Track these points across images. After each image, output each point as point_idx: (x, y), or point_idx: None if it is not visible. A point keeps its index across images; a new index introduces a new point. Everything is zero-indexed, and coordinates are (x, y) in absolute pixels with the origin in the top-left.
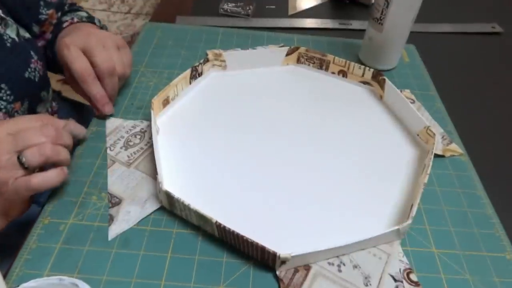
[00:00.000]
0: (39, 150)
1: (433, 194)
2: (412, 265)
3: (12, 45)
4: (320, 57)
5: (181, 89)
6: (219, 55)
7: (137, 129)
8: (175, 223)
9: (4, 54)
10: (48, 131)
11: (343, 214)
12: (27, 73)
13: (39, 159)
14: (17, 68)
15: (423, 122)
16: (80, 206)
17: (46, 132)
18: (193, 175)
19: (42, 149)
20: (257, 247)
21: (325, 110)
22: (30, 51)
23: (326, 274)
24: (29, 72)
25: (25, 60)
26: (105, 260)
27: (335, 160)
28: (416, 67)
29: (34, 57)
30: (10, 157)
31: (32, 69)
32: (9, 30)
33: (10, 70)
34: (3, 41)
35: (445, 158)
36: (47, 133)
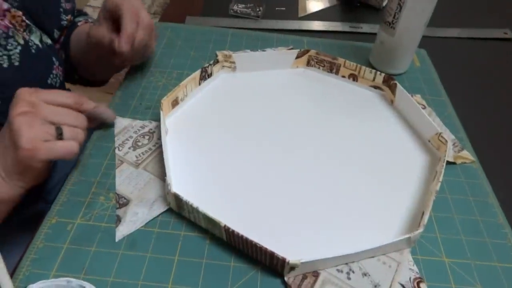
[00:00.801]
0: (72, 132)
1: (444, 202)
2: (422, 274)
3: (37, 51)
4: (331, 61)
5: (190, 90)
6: (229, 56)
7: (146, 129)
8: (183, 225)
9: (30, 61)
10: (84, 119)
11: (353, 221)
12: (50, 79)
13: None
14: (41, 75)
15: (434, 128)
16: (88, 206)
17: (82, 120)
18: (201, 177)
19: (74, 132)
20: (266, 253)
21: (335, 114)
22: (52, 57)
23: (334, 281)
24: (51, 78)
25: (48, 66)
26: (112, 261)
27: (345, 165)
28: (427, 72)
29: (56, 63)
30: (45, 124)
31: (54, 75)
32: (33, 37)
33: (35, 77)
34: (28, 47)
35: (456, 165)
36: (83, 121)
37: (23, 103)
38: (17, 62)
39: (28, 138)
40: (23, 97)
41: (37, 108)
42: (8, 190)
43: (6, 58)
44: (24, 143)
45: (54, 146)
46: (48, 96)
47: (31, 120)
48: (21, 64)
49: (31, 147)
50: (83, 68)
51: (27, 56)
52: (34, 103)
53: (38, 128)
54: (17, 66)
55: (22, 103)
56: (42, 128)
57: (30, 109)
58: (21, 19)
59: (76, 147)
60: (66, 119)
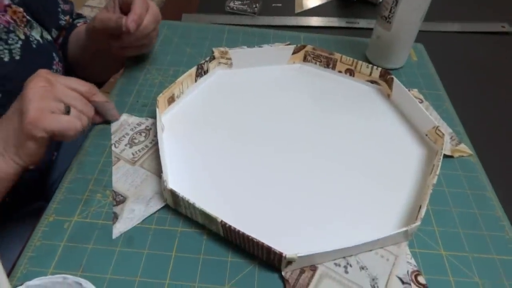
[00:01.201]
0: (78, 114)
1: (442, 195)
2: (420, 267)
3: (37, 47)
4: (327, 56)
5: (186, 87)
6: (225, 53)
7: (142, 126)
8: (180, 222)
9: (31, 55)
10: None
11: (350, 215)
12: None
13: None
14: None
15: (432, 122)
16: (85, 204)
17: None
18: (198, 173)
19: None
20: (262, 247)
21: (332, 109)
22: (52, 53)
23: (332, 275)
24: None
25: (49, 61)
26: (109, 258)
27: (342, 160)
28: (425, 66)
29: (56, 59)
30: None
31: (54, 70)
32: (34, 32)
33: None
34: (29, 42)
35: (453, 158)
36: (90, 109)
37: (41, 79)
38: (18, 56)
39: (37, 106)
40: (41, 74)
41: (52, 86)
42: (3, 165)
43: (7, 52)
44: (32, 109)
45: (58, 118)
46: (65, 80)
47: (44, 93)
48: (22, 58)
49: (38, 114)
50: (81, 68)
51: (28, 50)
52: (50, 81)
53: (48, 101)
54: (18, 60)
55: (39, 78)
56: (52, 103)
57: (46, 84)
58: (22, 15)
59: (79, 125)
60: (76, 102)
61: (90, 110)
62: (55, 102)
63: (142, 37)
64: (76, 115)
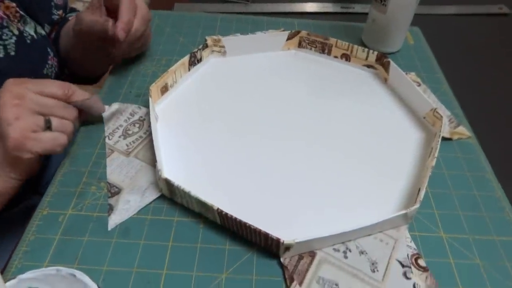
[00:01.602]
0: (60, 123)
1: (441, 178)
2: (420, 250)
3: (32, 42)
4: (322, 41)
5: (179, 76)
6: (218, 40)
7: (136, 117)
8: (176, 211)
9: (25, 50)
10: (74, 111)
11: (348, 200)
12: (45, 69)
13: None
14: (37, 65)
15: (429, 105)
16: (79, 197)
17: (71, 111)
18: (193, 162)
19: (63, 124)
20: (260, 234)
21: (328, 95)
22: (47, 48)
23: (331, 260)
24: (47, 68)
25: (43, 57)
26: (105, 250)
27: (339, 145)
28: (422, 50)
29: (50, 54)
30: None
31: (49, 65)
32: (27, 27)
33: (30, 67)
34: (23, 38)
35: (452, 141)
36: (72, 112)
37: (10, 95)
38: (13, 52)
39: (16, 129)
40: (10, 88)
41: (25, 99)
42: (1, 182)
43: (2, 48)
44: (12, 134)
45: (42, 138)
46: (37, 87)
47: (18, 111)
48: (16, 54)
49: (19, 138)
50: (73, 64)
51: (22, 46)
52: (21, 94)
53: (26, 120)
54: (12, 56)
55: (8, 94)
56: (30, 119)
57: (17, 101)
58: (15, 10)
59: (64, 139)
60: (54, 110)
61: (72, 113)
62: (33, 117)
63: (134, 40)
64: (58, 125)
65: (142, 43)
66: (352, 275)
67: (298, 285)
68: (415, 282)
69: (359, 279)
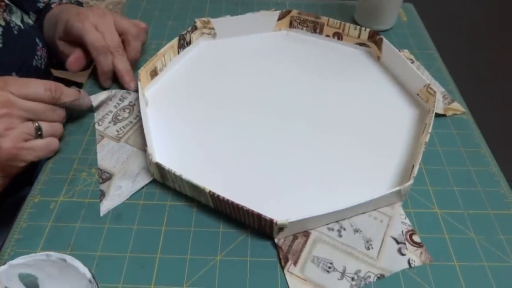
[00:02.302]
0: (50, 128)
1: (435, 154)
2: (414, 227)
3: (19, 32)
4: (314, 20)
5: (169, 60)
6: (208, 22)
7: (126, 102)
8: (169, 196)
9: (13, 42)
10: (62, 112)
11: (342, 178)
12: (35, 61)
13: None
14: (26, 57)
15: (423, 81)
16: (70, 183)
17: (60, 113)
18: (185, 147)
19: (53, 128)
20: (253, 215)
21: (321, 75)
22: (35, 38)
23: (326, 239)
24: (36, 60)
25: (32, 48)
26: (98, 236)
27: (332, 124)
28: (415, 26)
29: (39, 44)
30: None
31: (39, 56)
32: (14, 17)
33: (19, 58)
34: (10, 28)
35: (446, 117)
36: (61, 114)
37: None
38: (0, 44)
39: (7, 140)
40: None
41: (12, 108)
42: None
43: None
44: (4, 145)
45: (34, 146)
46: (21, 90)
47: (7, 121)
48: (4, 46)
49: (11, 149)
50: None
51: (10, 37)
52: (8, 102)
53: (16, 129)
54: (0, 48)
55: None
56: (21, 128)
57: (5, 111)
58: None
59: (56, 144)
60: (43, 115)
61: (60, 114)
62: (23, 126)
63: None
64: (48, 130)
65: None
66: (346, 253)
67: (293, 265)
68: (410, 258)
69: (354, 257)
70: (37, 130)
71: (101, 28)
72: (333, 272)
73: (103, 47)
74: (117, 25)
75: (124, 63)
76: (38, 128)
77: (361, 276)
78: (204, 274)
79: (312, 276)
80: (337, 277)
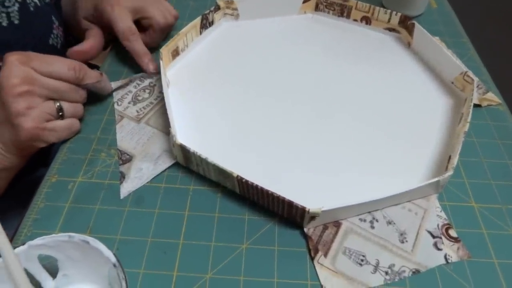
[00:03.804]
0: (72, 108)
1: (471, 145)
2: (450, 221)
3: (35, 10)
4: (341, 3)
5: (191, 40)
6: (231, 2)
7: (146, 83)
8: (192, 179)
9: (29, 19)
10: (84, 93)
11: (374, 168)
12: (51, 39)
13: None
14: (42, 35)
15: (459, 68)
16: (89, 164)
17: (82, 94)
18: (207, 130)
19: (75, 108)
20: (283, 202)
21: (348, 61)
22: (51, 16)
23: (358, 230)
24: (52, 38)
25: (48, 26)
26: (118, 219)
27: (363, 112)
28: (445, 13)
29: (56, 22)
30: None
31: (55, 35)
32: None
33: (35, 37)
34: (26, 5)
35: (481, 108)
36: (82, 95)
37: (18, 81)
38: (16, 21)
39: (29, 119)
40: (17, 73)
41: (34, 85)
42: (10, 161)
43: (5, 16)
44: (25, 125)
45: (56, 127)
46: (44, 67)
47: (29, 100)
48: (20, 23)
49: (33, 129)
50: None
51: (26, 14)
52: (30, 78)
53: (38, 108)
54: (16, 24)
55: (16, 80)
56: (42, 108)
57: (27, 88)
58: None
59: (78, 125)
60: (66, 95)
61: (82, 95)
62: (45, 105)
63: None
64: (70, 111)
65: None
66: (380, 246)
67: (323, 256)
68: (447, 253)
69: (387, 250)
70: (59, 110)
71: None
72: (365, 265)
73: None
74: (146, 10)
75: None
76: (60, 108)
77: (395, 270)
78: (229, 263)
79: (343, 269)
80: (370, 271)
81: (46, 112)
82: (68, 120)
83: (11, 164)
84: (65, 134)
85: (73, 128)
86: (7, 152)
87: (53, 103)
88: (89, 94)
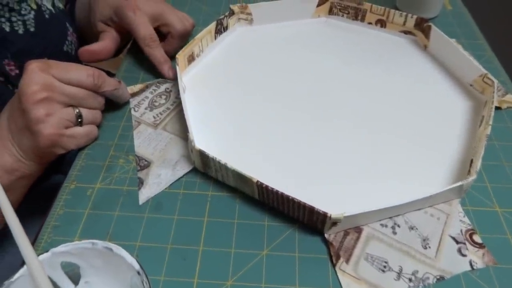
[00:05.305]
0: (91, 115)
1: (492, 148)
2: (474, 226)
3: (50, 17)
4: (356, 6)
5: (206, 45)
6: (245, 7)
7: (162, 88)
8: (210, 185)
9: (44, 27)
10: (102, 100)
11: (394, 172)
12: (65, 46)
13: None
14: (57, 41)
15: (478, 70)
16: (107, 170)
17: (100, 100)
18: (224, 136)
19: (93, 115)
20: (304, 208)
21: (363, 65)
22: (65, 23)
23: (379, 236)
24: (67, 45)
25: (63, 33)
26: (138, 225)
27: (380, 116)
28: (461, 15)
29: (70, 29)
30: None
31: (69, 41)
32: (45, 1)
33: (51, 43)
34: (42, 12)
35: (501, 110)
36: (101, 102)
37: (38, 87)
38: (32, 28)
39: (48, 126)
40: (37, 80)
41: (54, 92)
42: (29, 168)
43: (21, 23)
44: (44, 131)
45: (75, 134)
46: (63, 74)
47: (49, 106)
48: (36, 30)
49: (52, 136)
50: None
51: (42, 21)
52: (50, 85)
53: (57, 115)
54: (32, 32)
55: (36, 87)
56: (62, 115)
57: (46, 94)
58: None
59: (96, 132)
60: (84, 102)
61: (101, 102)
62: (64, 111)
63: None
64: (89, 117)
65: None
66: (402, 252)
67: (345, 263)
68: (471, 259)
69: (410, 256)
70: (78, 117)
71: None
72: (388, 272)
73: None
74: (165, 17)
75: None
76: (79, 115)
77: (419, 277)
78: (250, 270)
79: (366, 275)
80: (393, 277)
81: (66, 118)
82: (86, 126)
83: (30, 171)
84: (84, 140)
85: (91, 134)
86: (26, 159)
87: (72, 109)
88: (106, 101)
